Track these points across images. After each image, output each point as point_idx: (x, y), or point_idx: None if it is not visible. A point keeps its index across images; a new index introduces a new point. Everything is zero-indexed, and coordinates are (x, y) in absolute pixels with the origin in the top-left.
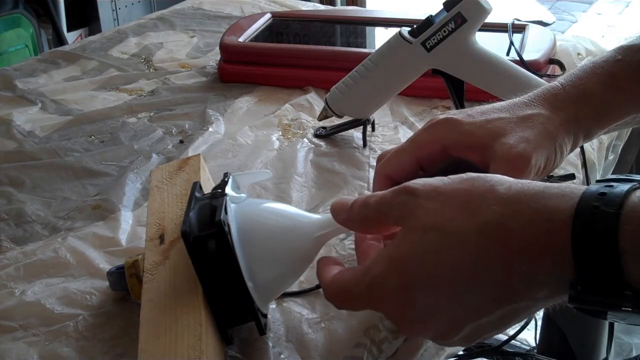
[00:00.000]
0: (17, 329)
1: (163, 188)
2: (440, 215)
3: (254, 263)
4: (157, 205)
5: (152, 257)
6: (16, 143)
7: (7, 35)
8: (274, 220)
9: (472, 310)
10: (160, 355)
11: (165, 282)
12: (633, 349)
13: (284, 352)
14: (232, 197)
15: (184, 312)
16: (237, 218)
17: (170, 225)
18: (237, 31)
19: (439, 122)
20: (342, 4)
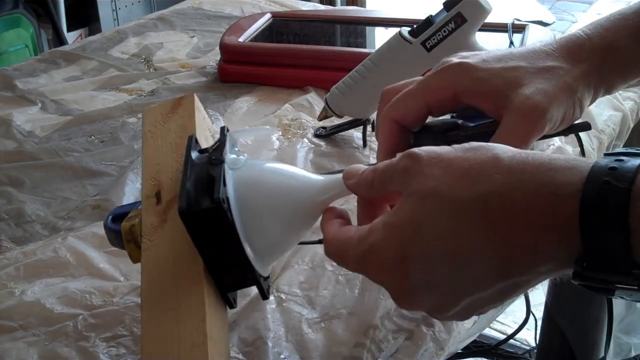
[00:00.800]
0: (17, 328)
1: (157, 134)
2: (440, 181)
3: (254, 230)
4: (152, 154)
5: (150, 219)
6: (16, 143)
7: (7, 35)
8: (275, 185)
9: (471, 283)
10: (163, 338)
11: (165, 251)
12: (632, 348)
13: (284, 352)
14: (230, 162)
15: (185, 289)
16: (236, 186)
17: (166, 181)
18: (237, 31)
19: (451, 66)
20: (342, 4)
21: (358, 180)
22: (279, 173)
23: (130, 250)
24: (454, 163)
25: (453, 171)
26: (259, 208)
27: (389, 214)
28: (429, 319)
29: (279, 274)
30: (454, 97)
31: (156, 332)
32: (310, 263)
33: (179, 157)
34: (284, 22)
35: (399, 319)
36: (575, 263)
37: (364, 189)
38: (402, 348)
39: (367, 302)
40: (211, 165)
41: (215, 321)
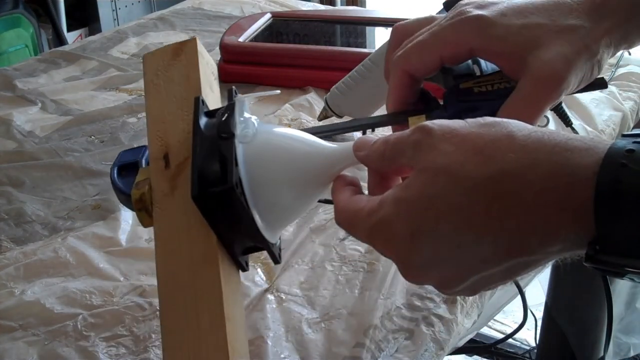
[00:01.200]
0: (17, 328)
1: (159, 84)
2: (452, 158)
3: (264, 200)
4: (156, 110)
5: (160, 185)
6: (16, 143)
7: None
8: (286, 155)
9: (480, 260)
10: (181, 317)
11: (177, 220)
12: (631, 348)
13: (284, 352)
14: (240, 135)
15: (200, 266)
16: (247, 159)
17: (174, 142)
18: (237, 31)
19: (468, 20)
20: (342, 4)
21: (368, 152)
22: (290, 142)
23: (142, 217)
24: (467, 139)
25: (466, 148)
26: (270, 179)
27: (400, 188)
28: (429, 318)
29: (279, 274)
30: (469, 52)
31: (174, 313)
32: (310, 263)
33: (184, 114)
34: (284, 22)
35: (399, 319)
36: (588, 246)
37: (375, 162)
38: (402, 348)
39: (367, 302)
40: (221, 140)
41: (231, 298)
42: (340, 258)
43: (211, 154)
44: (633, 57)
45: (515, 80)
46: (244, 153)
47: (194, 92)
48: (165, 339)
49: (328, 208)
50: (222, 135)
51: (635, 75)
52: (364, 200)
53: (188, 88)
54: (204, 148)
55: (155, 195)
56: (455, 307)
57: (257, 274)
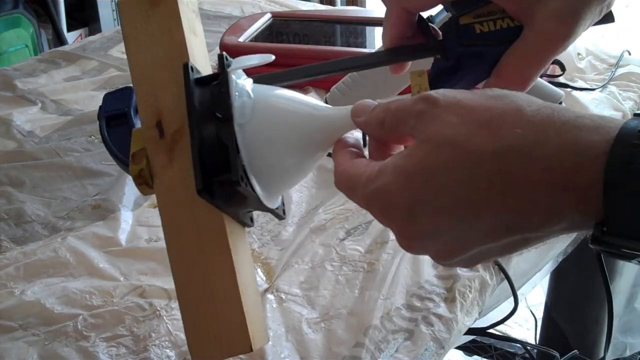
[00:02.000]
0: (17, 328)
1: (140, 39)
2: (457, 130)
3: (264, 171)
4: (140, 70)
5: (157, 157)
6: (16, 143)
7: (7, 35)
8: (285, 124)
9: (480, 235)
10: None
11: (179, 193)
12: (627, 348)
13: (284, 351)
14: (238, 115)
15: (210, 241)
16: (246, 135)
17: (165, 107)
18: (237, 31)
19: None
20: (342, 4)
21: (368, 119)
22: (289, 108)
23: (142, 189)
24: (474, 111)
25: (472, 121)
26: (269, 147)
27: (400, 157)
28: (428, 318)
29: (279, 274)
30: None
31: (189, 289)
32: (310, 263)
33: (172, 76)
34: (284, 22)
35: (398, 319)
36: (594, 227)
37: (374, 129)
38: (402, 348)
39: (367, 302)
40: (219, 123)
41: (242, 268)
42: (340, 258)
43: (210, 137)
44: (633, 57)
45: (519, 21)
46: (242, 131)
47: (179, 51)
48: (184, 315)
49: (328, 208)
50: (218, 117)
51: (635, 75)
52: (363, 165)
53: (172, 47)
54: (201, 130)
55: (154, 168)
56: (455, 306)
57: (257, 274)
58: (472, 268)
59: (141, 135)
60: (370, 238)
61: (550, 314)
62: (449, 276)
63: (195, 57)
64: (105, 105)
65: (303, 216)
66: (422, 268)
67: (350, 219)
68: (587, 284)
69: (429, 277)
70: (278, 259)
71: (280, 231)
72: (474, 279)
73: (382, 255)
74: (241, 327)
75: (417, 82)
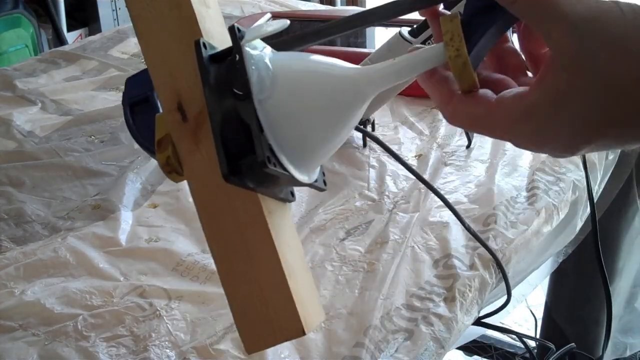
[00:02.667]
0: (17, 328)
1: (149, 19)
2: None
3: (295, 149)
4: (153, 50)
5: (183, 143)
6: (16, 143)
7: (7, 35)
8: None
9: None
10: (243, 284)
11: (210, 178)
12: (628, 348)
13: (284, 351)
14: (257, 90)
15: (250, 225)
16: (270, 118)
17: (184, 88)
18: None
19: None
20: (342, 4)
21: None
22: (312, 75)
23: (173, 177)
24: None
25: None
26: (296, 122)
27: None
28: (428, 318)
29: None
30: None
31: (233, 277)
32: (310, 263)
33: (187, 52)
34: None
35: (398, 319)
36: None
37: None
38: (402, 348)
39: (367, 302)
40: (238, 101)
41: (287, 250)
42: (340, 258)
43: (230, 117)
44: None
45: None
46: (264, 106)
47: (190, 27)
48: (232, 304)
49: (328, 208)
50: (237, 94)
51: None
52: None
53: (182, 22)
54: (220, 111)
55: (181, 154)
56: (455, 305)
57: None
58: (472, 268)
59: (164, 120)
60: (370, 238)
61: (550, 314)
62: (448, 276)
63: (208, 31)
64: (128, 91)
65: (303, 216)
66: (422, 268)
67: (350, 219)
68: (587, 284)
69: (428, 277)
70: None
71: None
72: (473, 278)
73: (382, 255)
74: (291, 311)
75: (448, 27)
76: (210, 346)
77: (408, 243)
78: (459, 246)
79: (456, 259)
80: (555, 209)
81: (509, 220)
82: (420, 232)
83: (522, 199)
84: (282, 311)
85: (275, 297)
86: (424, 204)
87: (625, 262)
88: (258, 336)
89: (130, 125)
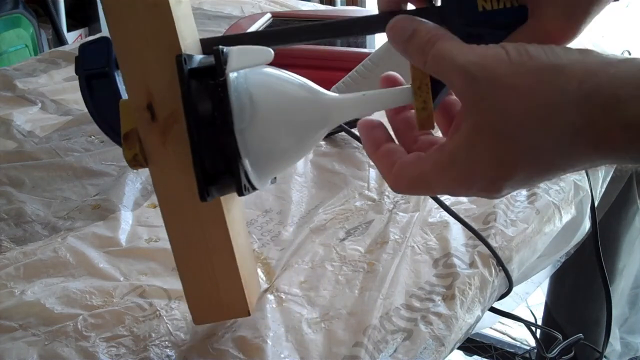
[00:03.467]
0: (17, 328)
1: (121, 12)
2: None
3: (263, 170)
4: (124, 45)
5: (149, 137)
6: (16, 143)
7: (7, 35)
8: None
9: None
10: (199, 276)
11: (176, 175)
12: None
13: (283, 352)
14: (237, 119)
15: (209, 224)
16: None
17: (156, 89)
18: (237, 31)
19: None
20: (342, 4)
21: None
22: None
23: (137, 169)
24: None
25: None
26: (272, 148)
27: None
28: (427, 317)
29: (279, 274)
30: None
31: (190, 270)
32: (310, 263)
33: (161, 54)
34: (284, 22)
35: (397, 319)
36: None
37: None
38: (401, 348)
39: (366, 302)
40: (219, 132)
41: (240, 241)
42: (340, 258)
43: (208, 139)
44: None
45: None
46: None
47: (168, 30)
48: (184, 284)
49: (328, 208)
50: (219, 123)
51: None
52: (422, 161)
53: (158, 23)
54: (199, 131)
55: (147, 149)
56: (455, 303)
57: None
58: (472, 266)
59: (130, 111)
60: (370, 238)
61: (551, 314)
62: (448, 274)
63: (182, 32)
64: (84, 61)
65: (303, 216)
66: (422, 268)
67: (350, 219)
68: (587, 284)
69: (428, 277)
70: (278, 259)
71: (280, 231)
72: (473, 276)
73: (382, 255)
74: (240, 296)
75: (417, 75)
76: (210, 346)
77: (408, 243)
78: (459, 245)
79: (456, 257)
80: (557, 208)
81: (509, 219)
82: (420, 232)
83: (522, 197)
84: (231, 294)
85: (227, 283)
86: (424, 204)
87: (626, 262)
88: (207, 312)
89: (87, 101)
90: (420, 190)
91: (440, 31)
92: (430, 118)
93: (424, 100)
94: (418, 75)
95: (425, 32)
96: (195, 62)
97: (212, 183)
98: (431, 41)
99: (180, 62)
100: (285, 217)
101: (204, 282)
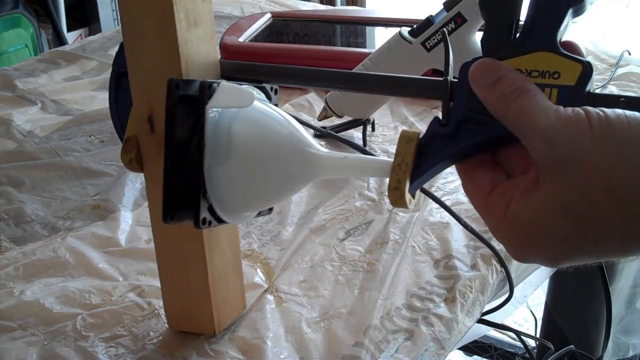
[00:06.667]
0: (16, 328)
1: (138, 34)
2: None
3: (233, 209)
4: (136, 55)
5: (148, 148)
6: (16, 143)
7: (7, 35)
8: (263, 172)
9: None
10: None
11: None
12: (630, 348)
13: (283, 352)
14: (211, 154)
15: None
16: (217, 181)
17: (157, 104)
18: (237, 31)
19: None
20: (342, 4)
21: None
22: (271, 149)
23: (135, 171)
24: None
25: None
26: (243, 190)
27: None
28: (428, 318)
29: (279, 274)
30: None
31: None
32: (310, 262)
33: (164, 75)
34: (284, 22)
35: (398, 319)
36: None
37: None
38: (402, 348)
39: (366, 302)
40: (191, 166)
41: (219, 260)
42: (340, 258)
43: (181, 166)
44: (633, 57)
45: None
46: (213, 169)
47: (172, 54)
48: (163, 292)
49: (328, 208)
50: (190, 154)
51: (635, 75)
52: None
53: (165, 47)
54: (173, 156)
55: (144, 156)
56: (456, 306)
57: (256, 274)
58: (473, 268)
59: (135, 121)
60: (370, 238)
61: (550, 314)
62: (449, 276)
63: (191, 57)
64: (120, 58)
65: (303, 216)
66: (422, 268)
67: (350, 219)
68: (587, 284)
69: (429, 277)
70: (278, 259)
71: (280, 231)
72: (474, 279)
73: (382, 255)
74: (208, 315)
75: (401, 150)
76: (210, 346)
77: (408, 243)
78: (460, 246)
79: (457, 259)
80: None
81: None
82: (421, 232)
83: None
84: (201, 310)
85: (198, 299)
86: (424, 204)
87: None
88: (179, 320)
89: (111, 96)
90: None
91: (526, 84)
92: (402, 198)
93: (398, 179)
94: (402, 152)
95: (511, 81)
96: (193, 89)
97: (179, 207)
98: (515, 93)
99: (170, 87)
100: (285, 217)
101: (179, 291)
